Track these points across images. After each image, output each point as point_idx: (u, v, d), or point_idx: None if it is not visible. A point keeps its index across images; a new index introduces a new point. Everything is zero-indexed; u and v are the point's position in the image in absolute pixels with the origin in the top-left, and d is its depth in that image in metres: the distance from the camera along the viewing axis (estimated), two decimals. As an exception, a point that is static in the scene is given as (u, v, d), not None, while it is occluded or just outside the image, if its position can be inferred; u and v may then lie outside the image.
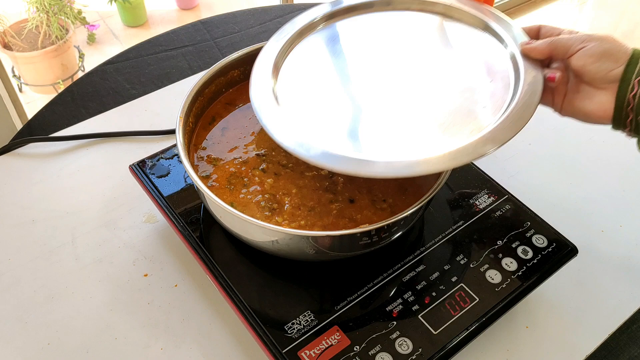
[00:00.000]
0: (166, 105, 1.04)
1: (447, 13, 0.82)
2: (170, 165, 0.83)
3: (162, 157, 0.84)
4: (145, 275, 0.79)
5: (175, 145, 0.80)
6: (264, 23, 1.28)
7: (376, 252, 0.72)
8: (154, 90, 1.08)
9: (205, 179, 0.74)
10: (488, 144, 0.64)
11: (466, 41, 0.79)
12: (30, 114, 1.98)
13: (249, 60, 0.81)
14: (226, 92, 0.85)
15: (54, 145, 0.96)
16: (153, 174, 0.82)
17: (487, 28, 0.78)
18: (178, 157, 0.83)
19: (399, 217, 0.65)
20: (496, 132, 0.65)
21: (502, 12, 0.79)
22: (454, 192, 0.82)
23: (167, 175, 0.82)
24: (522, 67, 0.71)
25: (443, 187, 0.69)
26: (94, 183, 0.90)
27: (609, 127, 0.69)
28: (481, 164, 0.86)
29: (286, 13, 1.31)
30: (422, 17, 0.83)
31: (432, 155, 0.64)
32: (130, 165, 0.83)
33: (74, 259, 0.81)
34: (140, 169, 0.82)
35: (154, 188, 0.80)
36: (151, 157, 0.84)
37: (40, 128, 1.02)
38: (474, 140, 0.65)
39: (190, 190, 0.80)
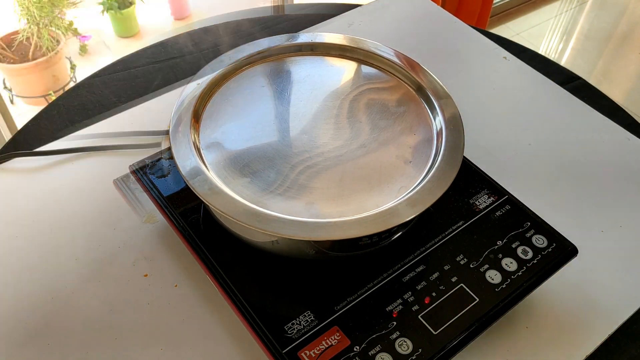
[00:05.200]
0: (154, 118, 1.04)
1: (369, 60, 0.85)
2: (170, 165, 0.83)
3: (162, 158, 0.84)
4: (146, 275, 0.79)
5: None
6: (251, 34, 1.28)
7: (376, 252, 0.72)
8: (141, 103, 1.07)
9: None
10: (417, 206, 0.67)
11: (388, 91, 0.82)
12: (20, 126, 1.98)
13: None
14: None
15: (38, 160, 0.95)
16: (153, 174, 0.82)
17: (407, 78, 0.82)
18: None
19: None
20: (423, 192, 0.68)
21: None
22: (454, 192, 0.82)
23: (167, 175, 0.82)
24: (442, 120, 0.76)
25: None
26: (79, 198, 0.90)
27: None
28: (480, 163, 0.86)
29: (275, 24, 1.31)
30: (346, 64, 0.86)
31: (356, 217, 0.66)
32: (129, 166, 0.84)
33: (74, 260, 0.80)
34: (140, 170, 0.82)
35: (154, 188, 0.80)
36: (151, 157, 0.84)
37: (25, 142, 1.01)
38: (402, 201, 0.67)
39: (191, 190, 0.79)
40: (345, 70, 0.84)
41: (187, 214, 0.77)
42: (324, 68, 0.84)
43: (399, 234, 0.73)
